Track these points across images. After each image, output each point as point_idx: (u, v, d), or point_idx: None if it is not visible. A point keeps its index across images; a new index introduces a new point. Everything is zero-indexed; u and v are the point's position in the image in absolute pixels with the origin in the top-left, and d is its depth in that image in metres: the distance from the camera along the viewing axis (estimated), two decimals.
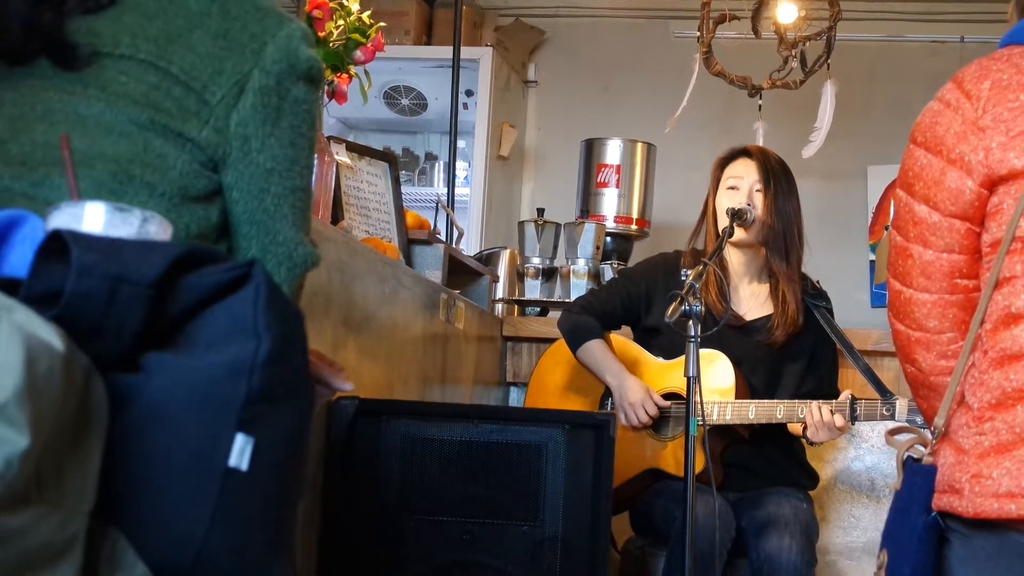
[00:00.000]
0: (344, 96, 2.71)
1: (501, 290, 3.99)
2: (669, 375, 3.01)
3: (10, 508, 0.88)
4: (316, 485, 2.26)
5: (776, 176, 3.00)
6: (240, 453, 1.03)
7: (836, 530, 3.44)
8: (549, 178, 5.61)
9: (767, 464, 3.01)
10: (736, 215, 2.90)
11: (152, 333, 1.06)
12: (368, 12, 2.74)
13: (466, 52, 4.67)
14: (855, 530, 3.44)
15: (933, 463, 1.52)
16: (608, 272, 3.99)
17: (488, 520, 2.31)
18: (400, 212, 3.14)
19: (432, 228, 3.38)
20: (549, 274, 4.03)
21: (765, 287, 3.07)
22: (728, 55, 4.31)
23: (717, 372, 2.92)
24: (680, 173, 4.71)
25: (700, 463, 2.49)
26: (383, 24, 2.82)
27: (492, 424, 2.35)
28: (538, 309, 4.02)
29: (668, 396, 3.00)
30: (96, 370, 1.00)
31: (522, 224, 4.14)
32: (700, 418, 2.36)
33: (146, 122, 1.26)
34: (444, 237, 3.77)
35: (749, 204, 2.96)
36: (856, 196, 5.44)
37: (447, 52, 4.58)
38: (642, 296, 3.11)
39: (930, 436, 1.54)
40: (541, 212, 4.17)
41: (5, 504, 0.87)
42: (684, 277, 2.46)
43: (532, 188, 5.70)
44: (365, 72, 2.82)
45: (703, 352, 2.50)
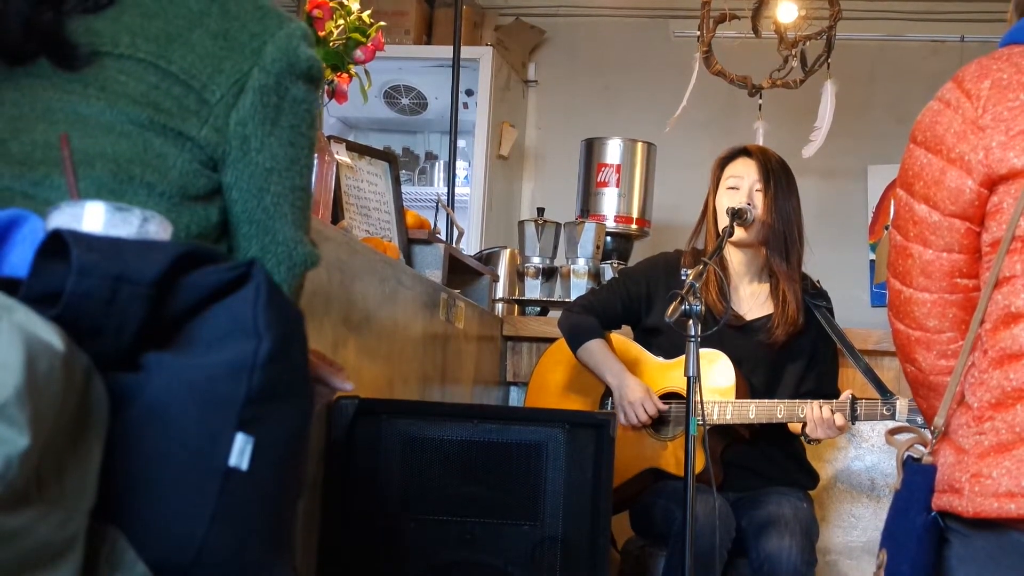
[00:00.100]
0: (344, 95, 2.71)
1: (501, 290, 3.99)
2: (669, 375, 3.01)
3: (10, 507, 0.88)
4: (316, 485, 2.26)
5: (776, 176, 3.00)
6: (240, 453, 1.03)
7: (836, 530, 3.44)
8: (549, 177, 5.61)
9: (767, 464, 3.01)
10: (736, 215, 2.90)
11: (152, 332, 1.06)
12: (368, 11, 2.74)
13: (466, 51, 4.67)
14: (855, 530, 3.44)
15: (933, 463, 1.52)
16: (608, 272, 3.99)
17: (488, 520, 2.31)
18: (400, 212, 3.14)
19: (432, 228, 3.38)
20: (549, 274, 4.03)
21: (765, 287, 3.07)
22: (728, 54, 4.31)
23: (717, 372, 2.92)
24: (680, 173, 4.71)
25: (700, 463, 2.49)
26: (383, 23, 2.82)
27: (492, 424, 2.35)
28: (538, 309, 4.02)
29: (668, 396, 3.00)
30: (96, 369, 1.00)
31: (522, 224, 4.14)
32: (700, 418, 2.36)
33: (146, 121, 1.26)
34: (444, 237, 3.77)
35: (749, 204, 2.95)
36: (856, 195, 5.44)
37: (447, 51, 4.58)
38: (642, 296, 3.11)
39: (930, 436, 1.54)
40: (541, 212, 4.17)
41: (5, 504, 0.87)
42: (684, 277, 2.46)
43: (532, 188, 5.70)
44: (365, 71, 2.82)
45: (703, 352, 2.50)
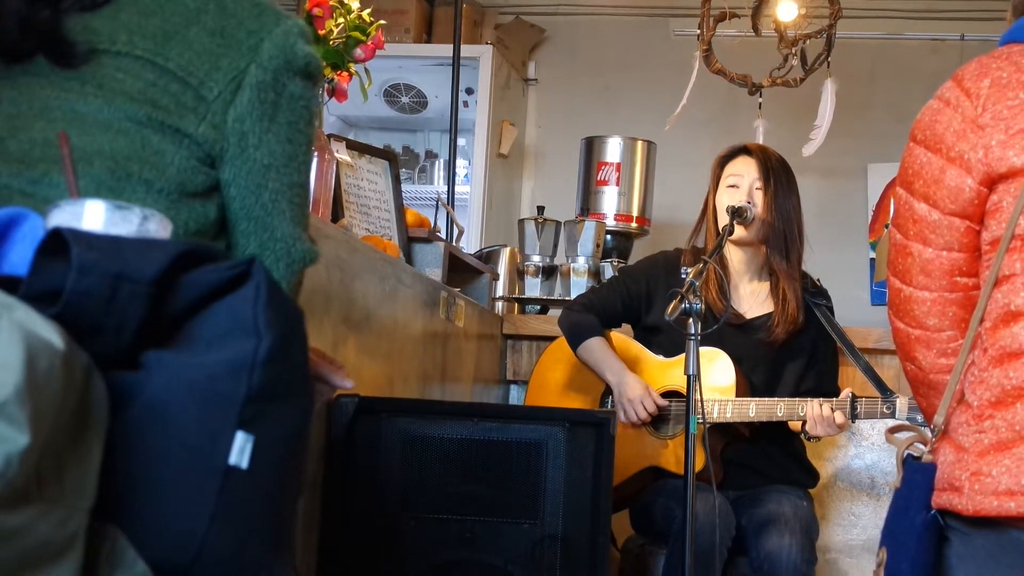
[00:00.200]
0: (344, 94, 2.71)
1: (501, 288, 3.99)
2: (669, 373, 3.01)
3: (10, 506, 0.88)
4: (316, 483, 2.26)
5: (776, 174, 3.00)
6: (240, 451, 1.03)
7: (836, 528, 3.44)
8: (549, 176, 5.61)
9: (767, 462, 3.01)
10: (736, 213, 2.90)
11: (152, 331, 1.06)
12: (368, 10, 2.73)
13: (466, 50, 4.67)
14: (855, 528, 3.44)
15: (933, 461, 1.52)
16: (608, 270, 3.99)
17: (488, 518, 2.31)
18: (400, 210, 3.14)
19: (432, 226, 3.38)
20: (549, 272, 4.03)
21: (765, 285, 3.07)
22: (728, 53, 4.31)
23: (717, 370, 2.92)
24: (680, 171, 4.71)
25: (700, 461, 2.49)
26: (383, 22, 2.82)
27: (492, 422, 2.35)
28: (538, 307, 4.02)
29: (668, 394, 3.00)
30: (96, 368, 1.00)
31: (522, 222, 4.14)
32: (700, 416, 2.36)
33: (143, 119, 1.26)
34: (444, 235, 3.77)
35: (749, 202, 2.95)
36: (856, 194, 5.44)
37: (447, 50, 4.58)
38: (642, 294, 3.11)
39: (930, 434, 1.54)
40: (541, 210, 4.17)
41: (5, 502, 0.87)
42: (684, 275, 2.46)
43: (532, 186, 5.70)
44: (365, 70, 2.81)
45: (703, 350, 2.50)
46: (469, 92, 5.23)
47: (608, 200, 4.36)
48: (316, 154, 2.49)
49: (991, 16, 4.76)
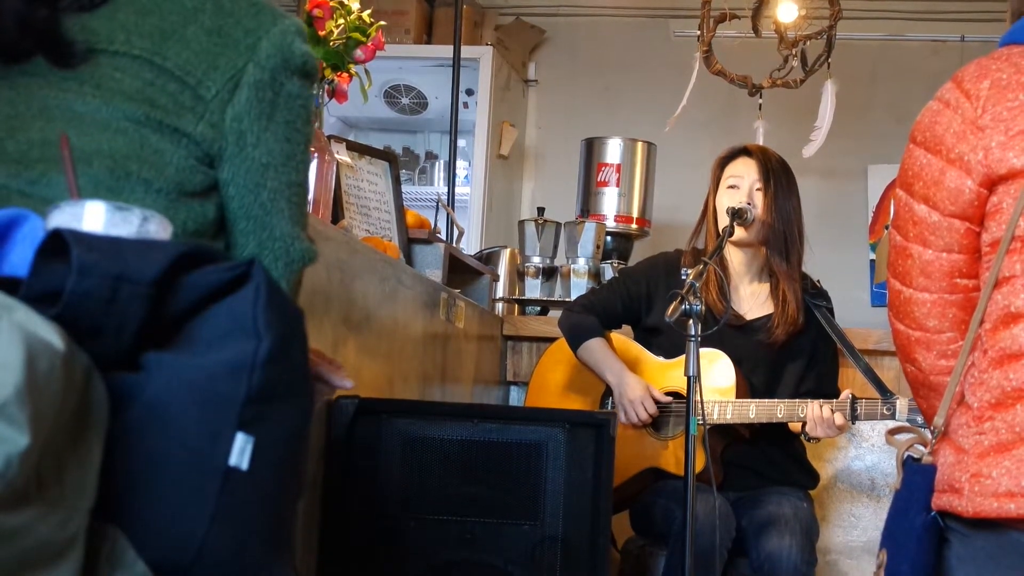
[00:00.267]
0: (344, 95, 2.71)
1: (501, 289, 3.99)
2: (669, 374, 3.01)
3: (10, 507, 0.88)
4: (316, 484, 2.26)
5: (776, 175, 3.00)
6: (240, 452, 1.03)
7: (836, 529, 3.44)
8: (549, 177, 5.61)
9: (767, 464, 3.01)
10: (736, 214, 2.90)
11: (152, 332, 1.06)
12: (368, 11, 2.74)
13: (466, 51, 4.67)
14: (855, 529, 3.44)
15: (933, 463, 1.52)
16: (608, 271, 3.99)
17: (488, 519, 2.31)
18: (400, 211, 3.14)
19: (432, 227, 3.38)
20: (549, 273, 4.03)
21: (765, 286, 3.07)
22: (728, 54, 4.31)
23: (717, 371, 2.92)
24: (680, 172, 4.71)
25: (700, 462, 2.49)
26: (383, 23, 2.83)
27: (492, 423, 2.35)
28: (538, 308, 4.02)
29: (668, 395, 3.00)
30: (96, 369, 1.00)
31: (522, 223, 4.14)
32: (700, 417, 2.36)
33: (142, 118, 1.26)
34: (444, 236, 3.77)
35: (749, 203, 2.95)
36: (856, 195, 5.44)
37: (447, 51, 4.58)
38: (643, 295, 3.11)
39: (930, 436, 1.54)
40: (541, 211, 4.17)
41: (5, 503, 0.87)
42: (684, 276, 2.46)
43: (532, 187, 5.70)
44: (365, 71, 2.82)
45: (704, 351, 2.50)
46: (469, 93, 5.23)
47: (608, 201, 4.36)
48: (316, 155, 2.49)
49: (991, 17, 4.76)
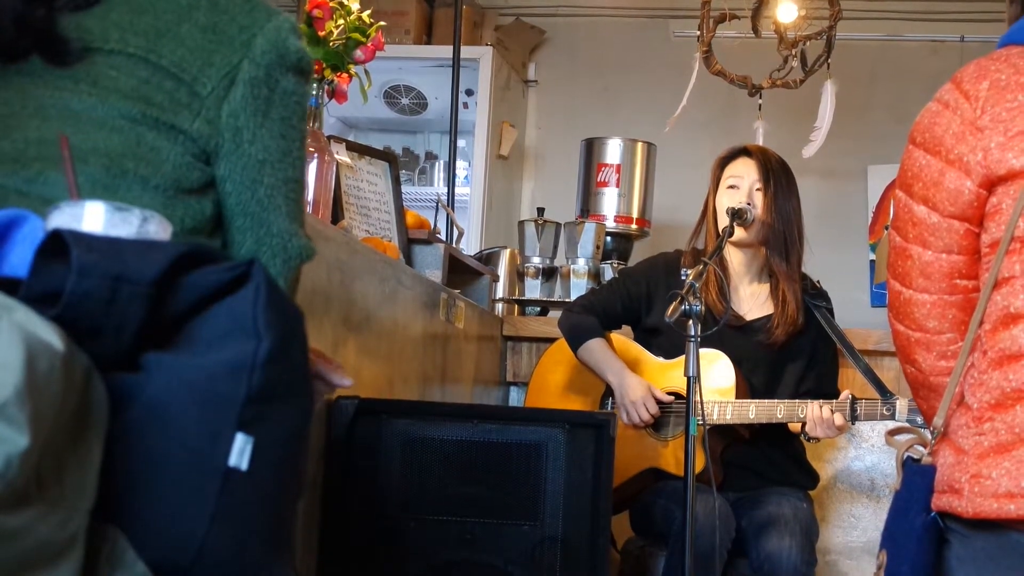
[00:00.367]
0: (344, 95, 2.71)
1: (501, 290, 3.99)
2: (669, 375, 3.01)
3: (10, 507, 0.88)
4: (316, 484, 2.26)
5: (776, 175, 3.00)
6: (240, 452, 1.03)
7: (836, 530, 3.44)
8: (549, 177, 5.61)
9: (767, 464, 3.01)
10: (736, 214, 2.90)
11: (152, 332, 1.06)
12: (368, 11, 2.74)
13: (466, 51, 4.67)
14: (855, 530, 3.44)
15: (932, 463, 1.52)
16: (608, 272, 3.99)
17: (488, 519, 2.31)
18: (400, 211, 3.14)
19: (432, 227, 3.38)
20: (549, 274, 4.03)
21: (765, 287, 3.07)
22: (728, 54, 4.31)
23: (717, 372, 2.92)
24: (680, 172, 4.71)
25: (700, 463, 2.49)
26: (383, 23, 2.83)
27: (492, 424, 2.35)
28: (538, 309, 4.02)
29: (669, 395, 3.00)
30: (96, 369, 1.00)
31: (522, 224, 4.14)
32: (700, 418, 2.36)
33: (138, 116, 1.26)
34: (444, 236, 3.77)
35: (749, 203, 2.95)
36: (856, 196, 5.44)
37: (447, 51, 4.58)
38: (643, 296, 3.11)
39: (930, 436, 1.54)
40: (541, 211, 4.17)
41: (5, 503, 0.87)
42: (684, 277, 2.46)
43: (532, 187, 5.70)
44: (365, 71, 2.82)
45: (703, 352, 2.50)
46: (469, 93, 5.23)
47: (608, 201, 4.36)
48: (316, 155, 2.49)
49: (991, 17, 4.76)
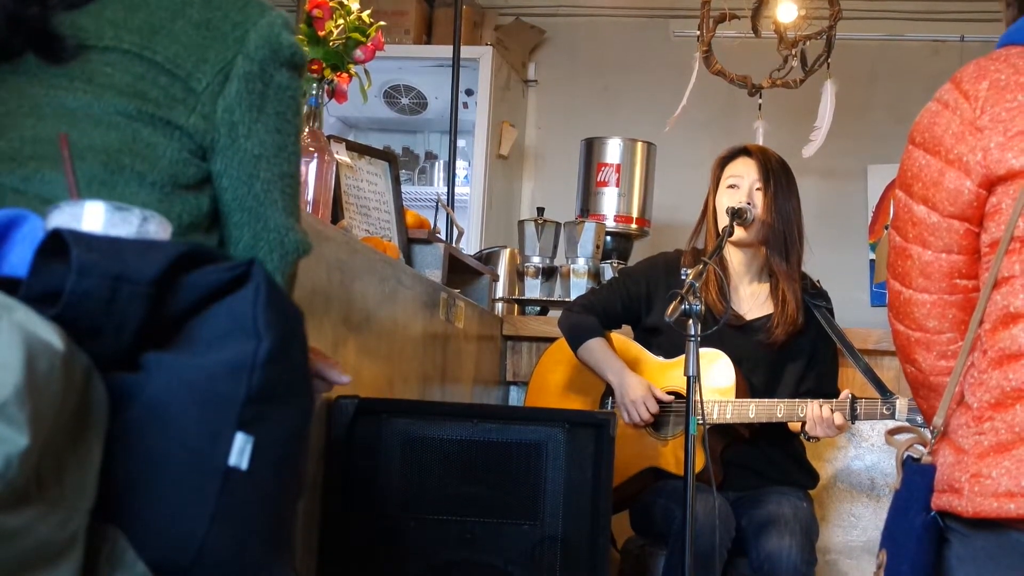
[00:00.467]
0: (344, 95, 2.71)
1: (501, 289, 3.99)
2: (669, 374, 3.01)
3: (10, 507, 0.88)
4: (316, 484, 2.26)
5: (776, 175, 3.00)
6: (240, 452, 1.03)
7: (836, 529, 3.44)
8: (549, 177, 5.61)
9: (767, 463, 3.01)
10: (736, 214, 2.90)
11: (152, 332, 1.06)
12: (368, 11, 2.74)
13: (466, 51, 4.67)
14: (855, 529, 3.44)
15: (932, 463, 1.52)
16: (608, 271, 3.99)
17: (488, 519, 2.31)
18: (400, 211, 3.14)
19: (432, 227, 3.38)
20: (549, 273, 4.03)
21: (765, 286, 3.07)
22: (728, 54, 4.31)
23: (717, 371, 2.92)
24: (680, 172, 4.71)
25: (700, 462, 2.49)
26: (383, 23, 2.83)
27: (492, 423, 2.35)
28: (538, 308, 4.02)
29: (669, 395, 3.00)
30: (96, 369, 1.00)
31: (522, 223, 4.14)
32: (700, 417, 2.36)
33: (133, 112, 1.27)
34: (444, 236, 3.77)
35: (749, 203, 2.95)
36: (856, 195, 5.44)
37: (447, 51, 4.58)
38: (643, 295, 3.11)
39: (929, 436, 1.54)
40: (541, 211, 4.17)
41: (5, 503, 0.87)
42: (684, 276, 2.46)
43: (532, 187, 5.70)
44: (365, 71, 2.82)
45: (703, 351, 2.50)
46: (469, 93, 5.23)
47: (608, 201, 4.36)
48: (316, 155, 2.49)
49: (991, 17, 4.75)
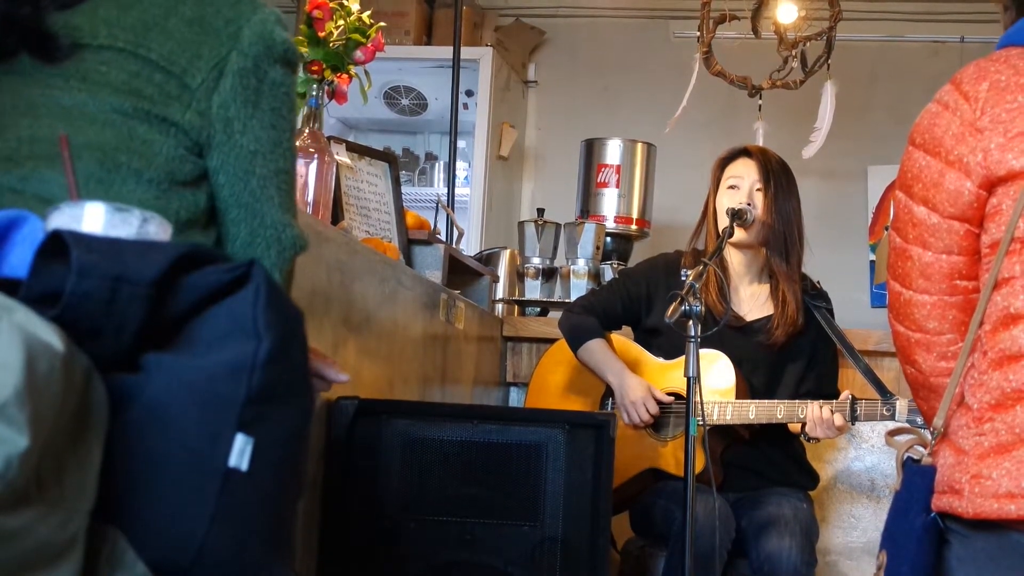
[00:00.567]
0: (344, 96, 2.71)
1: (501, 290, 3.99)
2: (669, 375, 3.01)
3: (10, 508, 0.88)
4: (316, 485, 2.26)
5: (776, 176, 3.00)
6: (240, 453, 1.03)
7: (836, 530, 3.44)
8: (549, 178, 5.61)
9: (767, 464, 3.01)
10: (736, 215, 2.90)
11: (152, 333, 1.06)
12: (368, 12, 2.74)
13: (466, 52, 4.67)
14: (855, 530, 3.44)
15: (933, 464, 1.52)
16: (608, 272, 3.99)
17: (488, 520, 2.31)
18: (400, 212, 3.14)
19: (432, 228, 3.38)
20: (549, 274, 4.03)
21: (765, 287, 3.07)
22: (728, 55, 4.30)
23: (717, 372, 2.92)
24: (680, 173, 4.71)
25: (700, 463, 2.49)
26: (383, 24, 2.83)
27: (492, 424, 2.35)
28: (538, 309, 4.02)
29: (669, 396, 3.00)
30: (96, 370, 1.00)
31: (522, 224, 4.14)
32: (700, 418, 2.36)
33: (129, 110, 1.27)
34: (444, 237, 3.77)
35: (749, 204, 2.95)
36: (856, 196, 5.44)
37: (447, 52, 4.58)
38: (643, 296, 3.11)
39: (930, 437, 1.54)
40: (541, 212, 4.17)
41: (5, 504, 0.87)
42: (684, 277, 2.46)
43: (532, 188, 5.70)
44: (365, 72, 2.82)
45: (703, 352, 2.50)
46: (469, 94, 5.23)
47: (608, 202, 4.36)
48: (316, 156, 2.49)
49: (991, 18, 4.74)
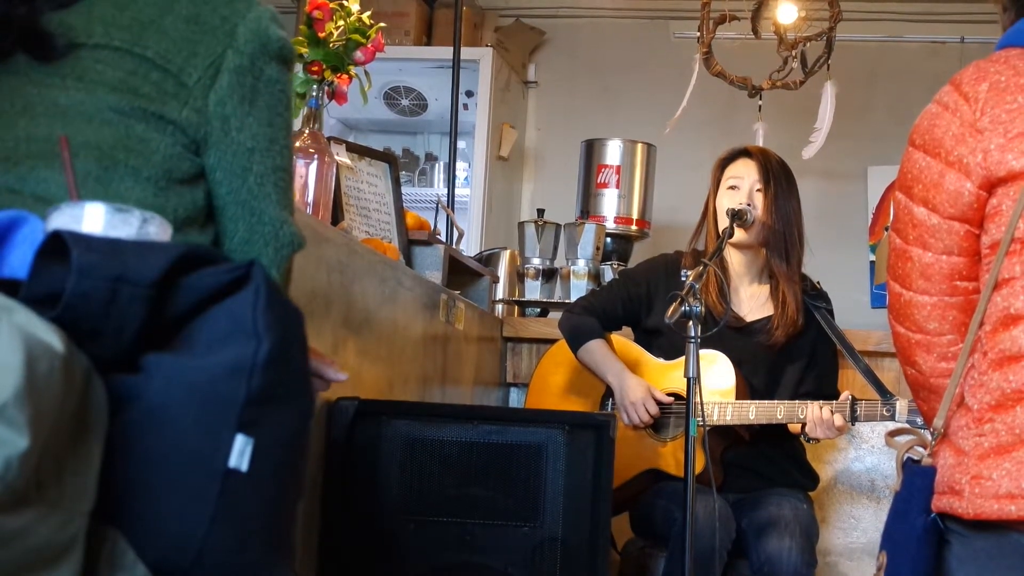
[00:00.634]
0: (344, 97, 2.71)
1: (501, 291, 3.99)
2: (669, 376, 3.01)
3: (10, 509, 0.88)
4: (316, 485, 2.26)
5: (776, 176, 3.00)
6: (240, 454, 1.03)
7: (836, 531, 3.44)
8: (549, 179, 5.61)
9: (767, 465, 3.01)
10: (736, 215, 2.90)
11: (152, 334, 1.06)
12: (368, 12, 2.74)
13: (466, 53, 4.67)
14: (855, 531, 3.44)
15: (933, 464, 1.52)
16: (608, 273, 3.99)
17: (488, 521, 2.31)
18: (400, 213, 3.14)
19: (432, 229, 3.38)
20: (549, 275, 4.03)
21: (765, 288, 3.07)
22: (728, 55, 4.31)
23: (717, 373, 2.92)
24: (680, 174, 4.71)
25: (700, 464, 2.49)
26: (383, 24, 2.82)
27: (492, 425, 2.35)
28: (538, 310, 4.02)
29: (669, 396, 3.00)
30: (96, 371, 1.00)
31: (522, 225, 4.14)
32: (700, 419, 2.36)
33: (126, 108, 1.28)
34: (444, 238, 3.77)
35: (749, 204, 2.95)
36: (856, 197, 5.44)
37: (447, 53, 4.58)
38: (643, 297, 3.11)
39: (930, 437, 1.54)
40: (541, 213, 4.17)
41: (5, 505, 0.87)
42: (684, 278, 2.46)
43: (532, 189, 5.70)
44: (365, 73, 2.82)
45: (703, 353, 2.50)
46: (469, 95, 5.23)
47: (608, 203, 4.36)
48: (316, 156, 2.49)
49: (991, 19, 4.74)
